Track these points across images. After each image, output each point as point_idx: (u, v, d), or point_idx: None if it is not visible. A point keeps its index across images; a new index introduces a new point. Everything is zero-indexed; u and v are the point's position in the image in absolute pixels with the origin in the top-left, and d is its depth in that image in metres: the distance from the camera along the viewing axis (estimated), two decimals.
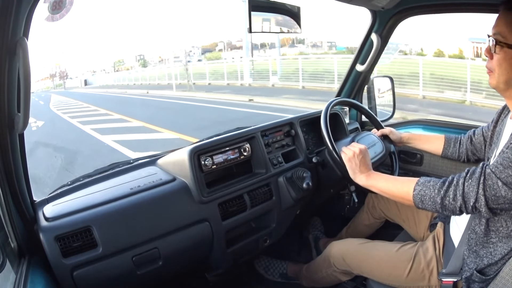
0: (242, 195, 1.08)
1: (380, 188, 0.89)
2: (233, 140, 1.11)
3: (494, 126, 0.94)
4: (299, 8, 1.06)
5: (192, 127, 5.75)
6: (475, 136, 1.07)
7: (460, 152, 1.10)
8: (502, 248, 0.79)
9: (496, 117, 0.95)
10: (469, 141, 1.08)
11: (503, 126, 0.89)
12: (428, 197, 0.78)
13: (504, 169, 0.70)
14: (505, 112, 0.92)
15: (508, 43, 0.75)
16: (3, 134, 0.71)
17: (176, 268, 1.02)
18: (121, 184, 1.00)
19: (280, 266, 1.40)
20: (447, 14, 1.25)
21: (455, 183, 0.76)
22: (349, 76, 1.50)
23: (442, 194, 0.76)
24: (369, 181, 0.92)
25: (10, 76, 0.67)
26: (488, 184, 0.71)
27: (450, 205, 0.75)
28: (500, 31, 0.76)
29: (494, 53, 0.77)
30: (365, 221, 1.34)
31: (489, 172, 0.72)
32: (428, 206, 0.79)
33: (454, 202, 0.75)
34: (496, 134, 0.91)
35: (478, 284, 0.82)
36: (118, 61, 39.36)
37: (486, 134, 1.02)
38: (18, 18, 0.63)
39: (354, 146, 0.98)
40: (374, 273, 1.02)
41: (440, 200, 0.76)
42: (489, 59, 0.79)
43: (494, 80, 0.79)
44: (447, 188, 0.76)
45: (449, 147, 1.12)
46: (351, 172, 0.96)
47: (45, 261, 0.81)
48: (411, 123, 1.50)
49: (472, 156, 1.08)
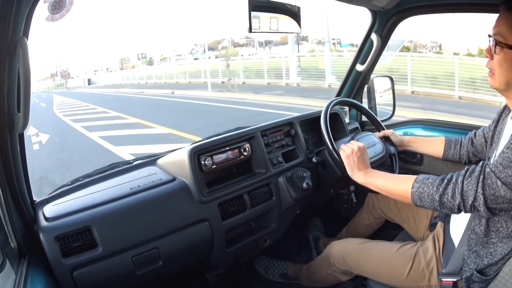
0: (242, 195, 1.08)
1: (378, 186, 0.89)
2: (233, 140, 1.11)
3: (495, 126, 0.94)
4: (299, 8, 1.07)
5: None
6: (476, 137, 1.06)
7: (461, 154, 1.10)
8: (503, 249, 0.79)
9: (497, 117, 0.95)
10: (470, 143, 1.07)
11: (503, 125, 0.89)
12: (426, 194, 0.77)
13: (503, 169, 0.69)
14: (506, 112, 0.92)
15: (508, 44, 0.74)
16: (3, 134, 0.71)
17: (176, 268, 1.02)
18: (121, 184, 1.00)
19: (280, 266, 1.40)
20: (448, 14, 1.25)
21: (454, 181, 0.75)
22: (349, 76, 1.50)
23: (441, 192, 0.75)
24: (367, 178, 0.91)
25: (10, 76, 0.66)
26: (487, 183, 0.71)
27: (449, 203, 0.75)
28: (500, 31, 0.75)
29: (494, 54, 0.77)
30: (365, 221, 1.34)
31: (488, 171, 0.72)
32: (426, 203, 0.78)
33: (452, 200, 0.74)
34: (497, 134, 0.91)
35: (478, 284, 0.82)
36: (123, 59, 38.23)
37: (487, 134, 1.01)
38: (18, 18, 0.63)
39: (352, 144, 0.98)
40: (374, 273, 1.02)
41: (438, 197, 0.76)
42: (490, 60, 0.79)
43: (495, 81, 0.79)
44: (446, 185, 0.75)
45: (450, 149, 1.11)
46: (349, 169, 0.96)
47: (45, 261, 0.81)
48: (411, 123, 1.50)
49: (473, 157, 1.08)
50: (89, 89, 23.65)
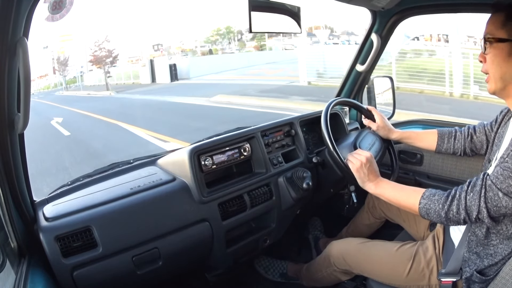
0: (242, 195, 1.08)
1: (388, 197, 0.90)
2: (233, 140, 1.11)
3: (497, 128, 0.94)
4: (299, 8, 1.07)
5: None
6: (476, 134, 1.05)
7: (456, 148, 1.09)
8: (503, 250, 0.79)
9: (500, 118, 0.94)
10: (469, 138, 1.06)
11: (506, 128, 0.89)
12: (432, 210, 0.80)
13: (504, 180, 0.71)
14: (508, 115, 0.92)
15: (496, 37, 0.77)
16: (3, 134, 0.71)
17: (176, 268, 1.02)
18: (121, 184, 1.00)
19: (280, 266, 1.40)
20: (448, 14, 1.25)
21: (457, 197, 0.77)
22: (349, 76, 1.51)
23: (446, 209, 0.78)
24: (378, 189, 0.92)
25: (10, 76, 0.66)
26: (489, 196, 0.73)
27: (454, 218, 0.78)
28: (489, 31, 0.78)
29: (486, 54, 0.79)
30: (365, 221, 1.34)
31: (489, 183, 0.73)
32: (433, 218, 0.81)
33: (457, 215, 0.77)
34: (498, 137, 0.91)
35: (478, 285, 0.82)
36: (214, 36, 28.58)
37: (489, 133, 1.01)
38: (18, 18, 0.63)
39: (360, 155, 0.96)
40: (374, 272, 1.02)
41: (444, 214, 0.78)
42: (484, 64, 0.81)
43: (491, 82, 0.80)
44: (451, 202, 0.78)
45: (443, 143, 1.10)
46: (360, 181, 0.96)
47: (45, 261, 0.81)
48: (411, 123, 1.50)
49: (471, 152, 1.07)
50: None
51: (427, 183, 1.36)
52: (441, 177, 1.34)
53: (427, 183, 1.36)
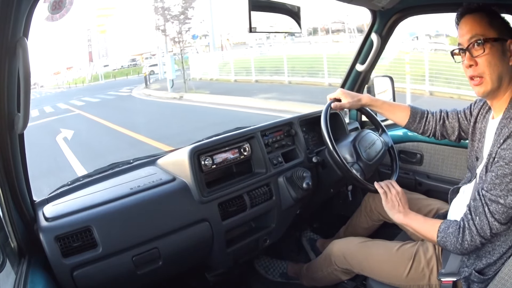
0: (242, 195, 1.08)
1: (414, 228, 0.92)
2: (233, 140, 1.11)
3: (474, 122, 0.93)
4: (299, 8, 1.07)
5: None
6: (448, 119, 1.04)
7: (425, 129, 1.07)
8: (500, 247, 0.79)
9: (475, 112, 0.93)
10: (441, 122, 1.05)
11: (485, 124, 0.88)
12: (449, 243, 0.82)
13: (498, 186, 0.73)
14: (485, 108, 0.90)
15: (490, 37, 0.75)
16: (3, 134, 0.71)
17: (176, 268, 1.02)
18: (121, 184, 1.00)
19: (280, 266, 1.40)
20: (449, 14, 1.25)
21: (467, 227, 0.78)
22: (349, 76, 1.50)
23: (460, 241, 0.79)
24: (405, 220, 0.94)
25: (10, 76, 0.67)
26: (492, 209, 0.74)
27: (471, 247, 0.79)
28: (476, 33, 0.76)
29: (477, 57, 0.76)
30: (363, 224, 1.33)
31: (488, 197, 0.75)
32: (452, 250, 0.83)
33: (472, 242, 0.78)
34: (481, 132, 0.90)
35: (477, 285, 0.83)
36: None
37: (462, 121, 1.00)
38: (18, 18, 0.63)
39: (393, 186, 1.00)
40: (374, 271, 1.02)
41: (460, 246, 0.80)
42: (474, 67, 0.78)
43: (487, 83, 0.77)
44: (463, 234, 0.79)
45: (414, 121, 1.08)
46: (389, 210, 0.98)
47: (45, 261, 0.81)
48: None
49: (441, 136, 1.07)
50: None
51: (427, 183, 1.36)
52: (441, 177, 1.34)
53: (427, 183, 1.36)
